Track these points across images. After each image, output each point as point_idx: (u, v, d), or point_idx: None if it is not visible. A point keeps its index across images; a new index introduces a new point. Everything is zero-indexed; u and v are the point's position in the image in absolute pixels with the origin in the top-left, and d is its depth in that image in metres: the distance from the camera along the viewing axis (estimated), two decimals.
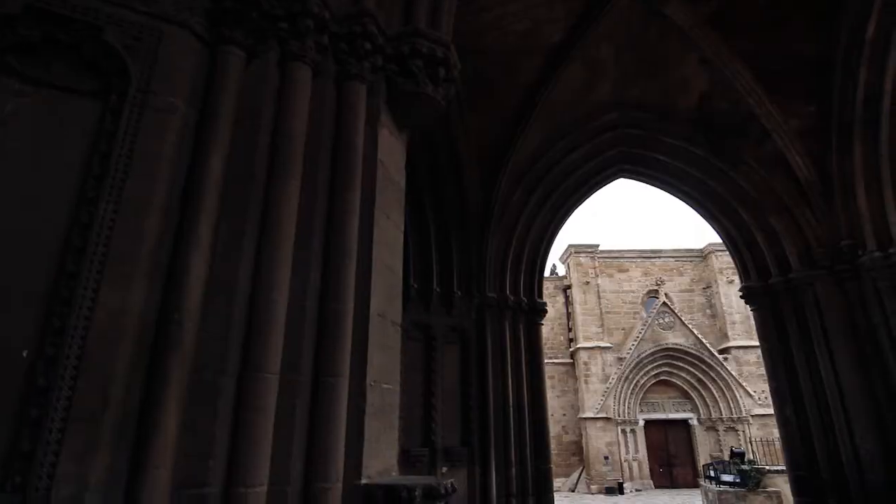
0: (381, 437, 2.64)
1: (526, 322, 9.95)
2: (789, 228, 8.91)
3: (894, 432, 7.45)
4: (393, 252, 3.10)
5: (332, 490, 2.26)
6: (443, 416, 8.56)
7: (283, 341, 2.37)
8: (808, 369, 8.43)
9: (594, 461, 21.80)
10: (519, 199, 10.20)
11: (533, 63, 9.20)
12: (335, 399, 2.38)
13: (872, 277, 7.82)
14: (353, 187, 2.78)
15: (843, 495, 7.76)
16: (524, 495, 8.77)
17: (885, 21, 7.23)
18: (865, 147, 7.93)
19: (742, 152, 9.37)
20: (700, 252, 26.05)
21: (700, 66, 9.03)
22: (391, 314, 2.93)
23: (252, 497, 2.09)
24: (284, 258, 2.48)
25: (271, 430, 2.22)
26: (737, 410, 22.10)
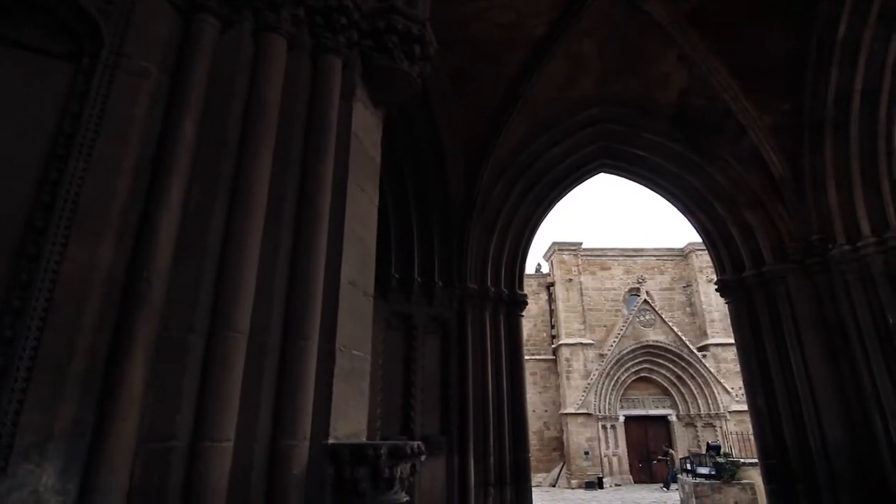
0: (351, 402, 2.68)
1: (507, 313, 10.04)
2: (763, 223, 9.13)
3: (861, 422, 7.67)
4: (366, 225, 3.14)
5: (298, 448, 2.30)
6: (422, 405, 8.61)
7: (253, 303, 2.40)
8: (779, 361, 8.64)
9: (575, 456, 22.04)
10: (501, 191, 10.29)
11: (516, 56, 9.29)
12: (304, 360, 2.43)
13: (841, 271, 8.05)
14: (325, 157, 2.82)
15: (811, 482, 7.98)
16: (502, 484, 8.85)
17: (855, 22, 7.45)
18: (836, 145, 8.16)
19: (719, 148, 9.57)
20: (681, 251, 26.47)
21: (679, 62, 9.19)
22: (363, 284, 2.97)
23: (218, 452, 2.13)
24: (255, 223, 2.51)
25: (239, 388, 2.26)
26: (715, 407, 22.50)
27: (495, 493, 8.71)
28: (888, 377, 7.36)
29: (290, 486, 2.24)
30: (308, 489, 2.29)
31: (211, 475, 2.09)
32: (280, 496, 2.22)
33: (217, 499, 2.08)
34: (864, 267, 7.79)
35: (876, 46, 7.39)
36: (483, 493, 8.61)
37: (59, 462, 1.88)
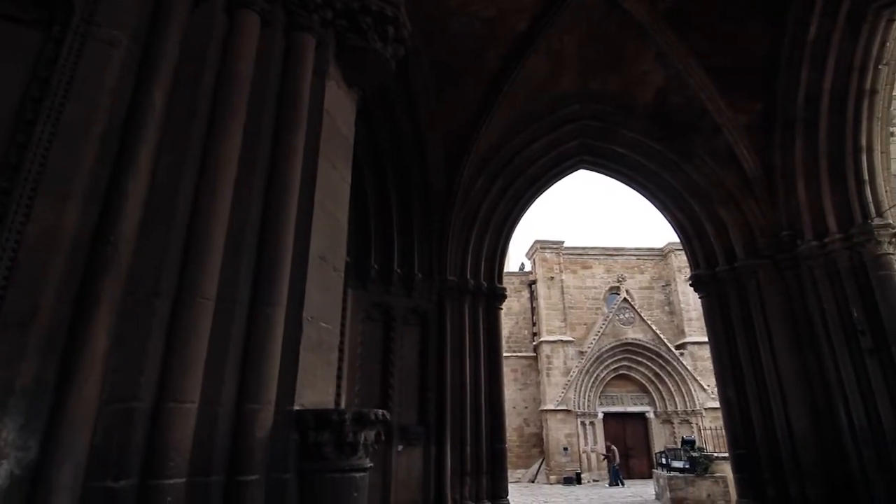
0: (318, 372, 2.73)
1: (486, 306, 10.13)
2: (736, 219, 9.35)
3: (825, 412, 7.91)
4: (337, 201, 3.19)
5: (262, 412, 2.34)
6: (400, 395, 8.65)
7: (221, 270, 2.44)
8: (749, 353, 8.86)
9: (554, 452, 22.25)
10: (482, 185, 10.37)
11: (499, 52, 9.37)
12: (270, 327, 2.47)
13: (809, 266, 8.29)
14: (296, 131, 2.86)
15: (778, 470, 8.20)
16: (478, 473, 8.93)
17: (824, 24, 7.68)
18: (806, 143, 8.39)
19: (695, 146, 9.77)
20: (660, 251, 26.88)
21: (657, 61, 9.37)
22: (332, 260, 3.01)
23: (181, 412, 2.16)
24: (224, 192, 2.54)
25: (205, 352, 2.29)
26: (691, 404, 22.90)
27: (471, 483, 8.79)
28: (852, 369, 7.61)
29: (254, 448, 2.28)
30: (272, 452, 2.34)
31: (174, 435, 2.12)
32: (244, 458, 2.26)
33: (180, 458, 2.12)
34: (830, 262, 8.04)
35: (844, 47, 7.63)
36: (459, 482, 8.69)
37: (20, 418, 1.89)
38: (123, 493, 1.99)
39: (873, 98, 7.71)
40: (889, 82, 7.89)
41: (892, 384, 7.18)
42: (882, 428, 7.17)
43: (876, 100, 7.75)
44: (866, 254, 7.62)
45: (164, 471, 2.06)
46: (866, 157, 7.88)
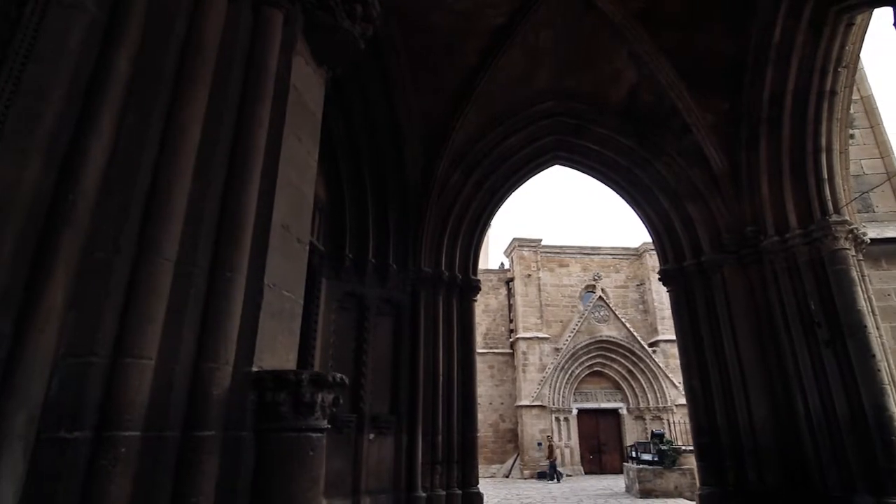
0: (279, 338, 2.78)
1: (460, 297, 10.24)
2: (703, 215, 9.62)
3: (784, 401, 8.21)
4: (302, 175, 3.23)
5: (220, 371, 2.39)
6: (373, 385, 8.71)
7: (182, 233, 2.47)
8: (713, 344, 9.14)
9: (528, 447, 22.52)
10: (458, 179, 10.49)
11: (475, 45, 9.49)
12: (230, 291, 2.51)
13: (771, 260, 8.59)
14: (262, 103, 2.91)
15: (739, 458, 8.48)
16: (449, 462, 9.03)
17: (788, 26, 7.96)
18: (770, 143, 8.68)
19: (665, 144, 10.02)
20: (636, 251, 27.40)
21: (629, 59, 9.59)
22: (297, 231, 3.06)
23: (138, 368, 2.19)
24: (187, 157, 2.58)
25: (164, 311, 2.33)
26: (663, 400, 23.41)
27: (442, 471, 8.89)
28: (809, 360, 7.92)
29: (210, 405, 2.33)
30: (229, 411, 2.38)
31: (130, 390, 2.16)
32: (200, 414, 2.30)
33: (136, 412, 2.15)
34: (790, 257, 8.34)
35: (806, 50, 7.92)
36: (430, 471, 8.78)
37: None
38: (77, 443, 2.02)
39: (833, 99, 8.02)
40: (848, 85, 8.23)
41: (845, 374, 7.49)
42: (836, 415, 7.47)
43: (836, 101, 8.07)
44: (824, 249, 7.93)
45: (120, 423, 2.09)
46: (826, 157, 8.20)
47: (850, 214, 8.35)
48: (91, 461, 2.03)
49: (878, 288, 8.76)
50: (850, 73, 8.09)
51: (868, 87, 10.39)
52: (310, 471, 2.47)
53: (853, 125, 10.00)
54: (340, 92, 8.45)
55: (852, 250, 7.98)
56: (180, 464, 2.23)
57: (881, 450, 6.97)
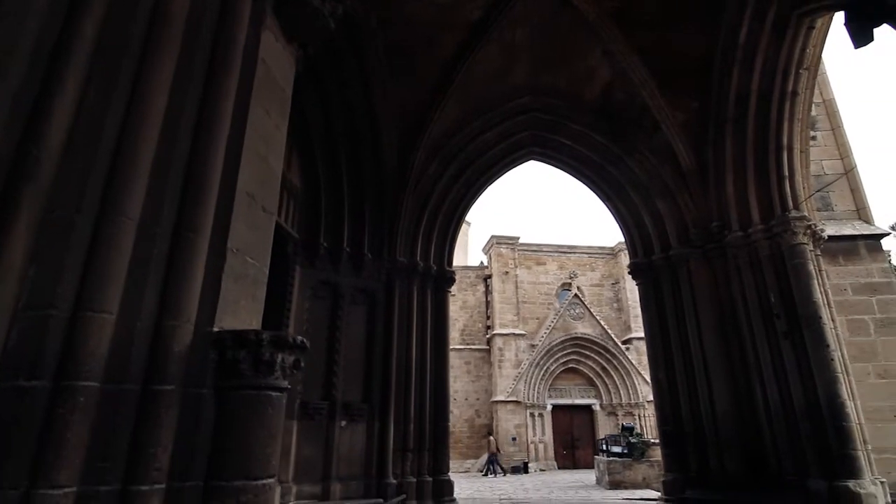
0: (241, 302, 2.84)
1: (434, 288, 10.34)
2: (672, 211, 9.90)
3: (744, 390, 8.49)
4: (270, 147, 3.30)
5: (181, 329, 2.45)
6: (345, 373, 8.75)
7: (146, 195, 2.53)
8: (679, 336, 9.41)
9: (503, 442, 22.74)
10: (435, 171, 10.58)
11: (453, 39, 9.59)
12: (193, 251, 2.57)
13: (734, 255, 8.87)
14: (229, 73, 2.97)
15: (701, 446, 8.76)
16: (420, 450, 9.12)
17: (754, 28, 8.23)
18: (735, 141, 8.96)
19: (637, 141, 10.27)
20: (611, 250, 27.88)
21: (603, 57, 9.80)
22: (262, 200, 3.13)
23: (98, 321, 2.24)
24: (153, 122, 2.63)
25: (125, 269, 2.38)
26: (635, 397, 23.88)
27: (413, 459, 8.98)
28: (768, 351, 8.21)
29: (170, 361, 2.39)
30: (189, 367, 2.45)
31: (90, 342, 2.21)
32: (160, 369, 2.36)
33: (95, 364, 2.20)
34: (753, 251, 8.64)
35: (770, 51, 8.20)
36: (401, 458, 8.86)
37: None
38: (35, 391, 2.06)
39: (794, 100, 8.34)
40: (809, 86, 8.55)
41: (802, 364, 7.78)
42: (792, 403, 7.76)
43: (797, 102, 8.38)
44: (783, 243, 8.23)
45: (78, 374, 2.14)
46: (787, 155, 8.51)
47: (810, 212, 8.67)
48: (49, 409, 2.08)
49: (835, 283, 9.14)
50: (811, 75, 8.41)
51: (830, 91, 10.80)
52: (268, 427, 2.55)
53: (815, 127, 10.40)
54: (318, 82, 8.47)
55: (810, 245, 8.30)
56: (140, 416, 2.29)
57: (833, 435, 7.27)
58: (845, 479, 7.03)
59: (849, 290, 9.31)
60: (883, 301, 9.21)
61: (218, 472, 2.40)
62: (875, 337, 9.02)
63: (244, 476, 2.42)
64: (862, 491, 6.92)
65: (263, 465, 2.49)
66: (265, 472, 2.49)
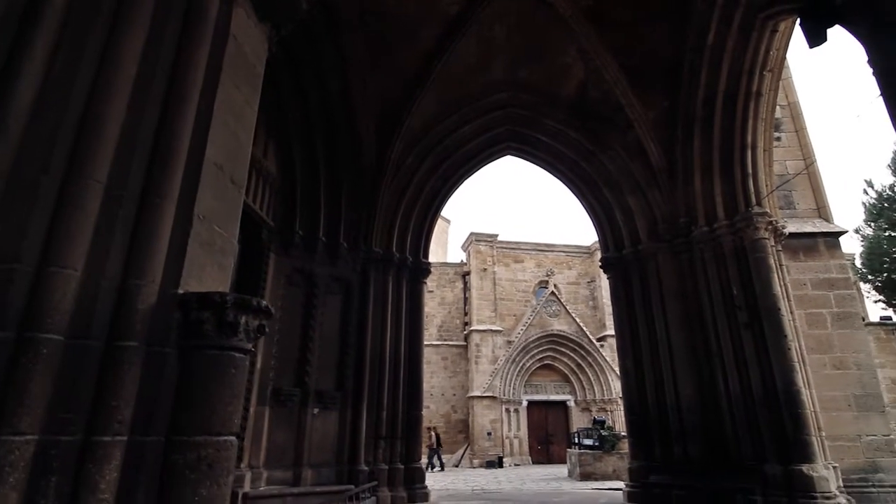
0: (207, 269, 2.91)
1: (410, 279, 10.45)
2: (642, 207, 10.17)
3: (708, 379, 8.79)
4: (241, 122, 3.37)
5: (146, 288, 2.51)
6: (319, 361, 8.80)
7: (113, 159, 2.59)
8: (647, 328, 9.69)
9: (478, 437, 22.97)
10: (412, 162, 10.68)
11: (432, 32, 9.72)
12: (159, 215, 2.64)
13: (700, 249, 9.18)
14: (199, 46, 3.04)
15: (665, 433, 9.03)
16: (393, 438, 9.22)
17: (721, 30, 8.52)
18: (703, 139, 9.26)
19: (610, 138, 10.52)
20: (588, 249, 28.32)
21: (579, 55, 10.03)
22: (231, 172, 3.20)
23: (63, 277, 2.30)
24: (122, 90, 2.69)
25: (91, 228, 2.44)
26: (608, 393, 24.31)
27: (385, 446, 9.08)
28: (730, 341, 8.52)
29: (134, 319, 2.45)
30: (154, 326, 2.51)
31: (55, 296, 2.27)
32: (124, 326, 2.42)
33: (59, 318, 2.26)
34: (717, 246, 8.95)
35: (737, 53, 8.50)
36: (374, 445, 8.96)
37: None
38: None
39: (758, 100, 8.65)
40: (773, 88, 8.88)
41: (761, 354, 8.10)
42: (752, 391, 8.08)
43: (761, 102, 8.70)
44: (746, 238, 8.55)
45: (41, 326, 2.20)
46: (751, 154, 8.83)
47: (772, 210, 9.00)
48: (13, 359, 2.14)
49: (795, 278, 9.49)
50: (775, 77, 8.73)
51: (795, 94, 11.20)
52: (231, 387, 2.63)
53: (780, 129, 10.78)
54: (296, 71, 8.51)
55: (771, 241, 8.63)
56: (103, 370, 2.35)
57: (789, 422, 7.59)
58: (799, 464, 7.34)
59: (808, 285, 9.68)
60: (840, 296, 9.61)
61: (180, 428, 2.47)
62: (832, 330, 9.40)
63: (206, 432, 2.49)
64: (815, 474, 7.23)
65: (225, 421, 2.57)
66: (227, 429, 2.57)
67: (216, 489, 2.47)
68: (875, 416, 8.98)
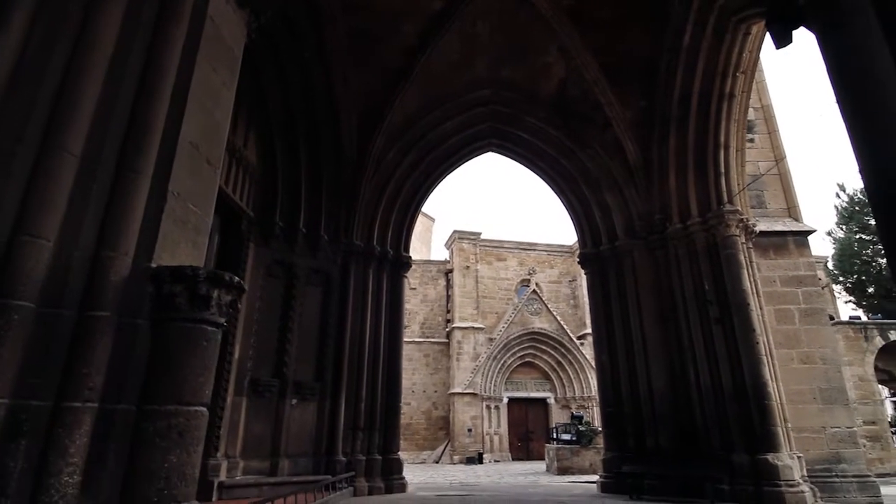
0: (181, 246, 2.97)
1: (390, 272, 10.50)
2: (619, 204, 10.37)
3: (679, 372, 9.00)
4: (217, 103, 3.43)
5: (118, 260, 2.57)
6: (298, 352, 8.82)
7: (88, 133, 2.64)
8: (622, 322, 9.88)
9: (459, 433, 23.10)
10: (394, 157, 10.73)
11: (415, 28, 9.78)
12: (133, 190, 2.70)
13: (674, 245, 9.40)
14: (177, 26, 3.09)
15: (639, 425, 9.23)
16: (371, 429, 9.28)
17: (696, 31, 8.74)
18: (678, 139, 9.48)
19: (589, 136, 10.70)
20: (569, 248, 28.59)
21: (560, 55, 10.18)
22: (207, 152, 3.26)
23: (36, 246, 2.35)
24: (98, 66, 2.74)
25: (65, 200, 2.49)
26: (588, 390, 24.61)
27: (364, 437, 9.13)
28: (702, 336, 8.74)
29: (107, 290, 2.51)
30: (126, 298, 2.57)
31: (27, 264, 2.31)
32: (97, 296, 2.48)
33: (32, 285, 2.31)
34: (691, 242, 9.18)
35: (711, 55, 8.72)
36: (352, 435, 9.00)
37: None
38: None
39: (731, 101, 8.89)
40: (745, 89, 9.12)
41: (731, 347, 8.34)
42: (721, 384, 8.31)
43: (734, 103, 8.94)
44: (718, 235, 8.79)
45: (13, 293, 2.25)
46: (724, 153, 9.07)
47: (744, 209, 9.26)
48: None
49: (765, 275, 9.77)
50: (747, 79, 8.98)
51: (768, 97, 11.51)
52: (202, 359, 2.69)
53: (753, 130, 11.06)
54: (279, 63, 8.51)
55: (742, 238, 8.88)
56: (75, 339, 2.41)
57: (756, 413, 7.83)
58: (765, 453, 7.58)
59: (778, 282, 9.96)
60: (807, 292, 9.91)
61: (151, 397, 2.53)
62: (799, 325, 9.69)
63: (177, 401, 2.56)
64: (779, 463, 7.47)
65: (196, 392, 2.63)
66: (197, 399, 2.64)
67: (186, 456, 2.53)
68: (839, 409, 9.28)
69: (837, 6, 3.81)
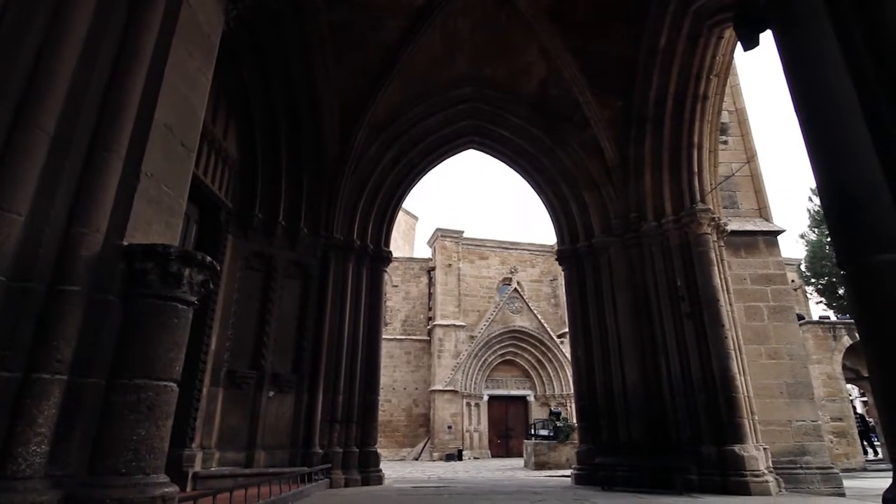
0: (154, 226, 3.01)
1: (370, 266, 10.55)
2: (596, 202, 10.57)
3: (652, 366, 9.20)
4: (193, 88, 3.47)
5: (90, 236, 2.61)
6: (275, 344, 8.83)
7: (62, 112, 2.67)
8: (598, 318, 10.08)
9: (439, 430, 23.20)
10: (376, 152, 10.79)
11: (398, 23, 9.84)
12: (105, 168, 2.74)
13: (649, 243, 9.61)
14: (152, 10, 3.13)
15: (612, 418, 9.43)
16: (349, 421, 9.32)
17: (672, 34, 8.96)
18: (654, 139, 9.70)
19: (568, 135, 10.88)
20: (551, 248, 28.85)
21: (540, 54, 10.33)
22: (181, 135, 3.30)
23: (6, 220, 2.38)
24: (72, 46, 2.77)
25: (37, 176, 2.52)
26: (567, 388, 24.89)
27: (341, 430, 9.17)
28: (674, 330, 8.96)
29: (78, 265, 2.55)
30: (98, 274, 2.61)
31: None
32: (68, 271, 2.52)
33: (2, 260, 2.34)
34: (664, 240, 9.40)
35: (686, 57, 8.96)
36: (329, 428, 9.03)
37: None
38: None
39: (705, 103, 9.14)
40: (719, 92, 9.38)
41: (701, 342, 8.57)
42: (691, 378, 8.53)
43: (707, 105, 9.19)
44: (690, 233, 9.02)
45: None
46: (697, 153, 9.32)
47: (716, 208, 9.51)
48: None
49: (736, 273, 10.05)
50: (720, 82, 9.24)
51: (742, 101, 11.82)
52: (173, 336, 2.74)
53: (727, 133, 11.36)
54: (261, 55, 8.50)
55: (714, 236, 9.13)
56: (45, 312, 2.44)
57: (724, 405, 8.06)
58: (732, 444, 7.82)
59: (748, 280, 10.24)
60: (776, 290, 10.21)
61: (121, 371, 2.58)
62: (768, 322, 9.98)
63: (147, 376, 2.61)
64: (745, 454, 7.71)
65: (166, 368, 2.68)
66: (167, 375, 2.69)
67: (155, 430, 2.58)
68: (804, 403, 9.59)
69: (790, 8, 3.98)
